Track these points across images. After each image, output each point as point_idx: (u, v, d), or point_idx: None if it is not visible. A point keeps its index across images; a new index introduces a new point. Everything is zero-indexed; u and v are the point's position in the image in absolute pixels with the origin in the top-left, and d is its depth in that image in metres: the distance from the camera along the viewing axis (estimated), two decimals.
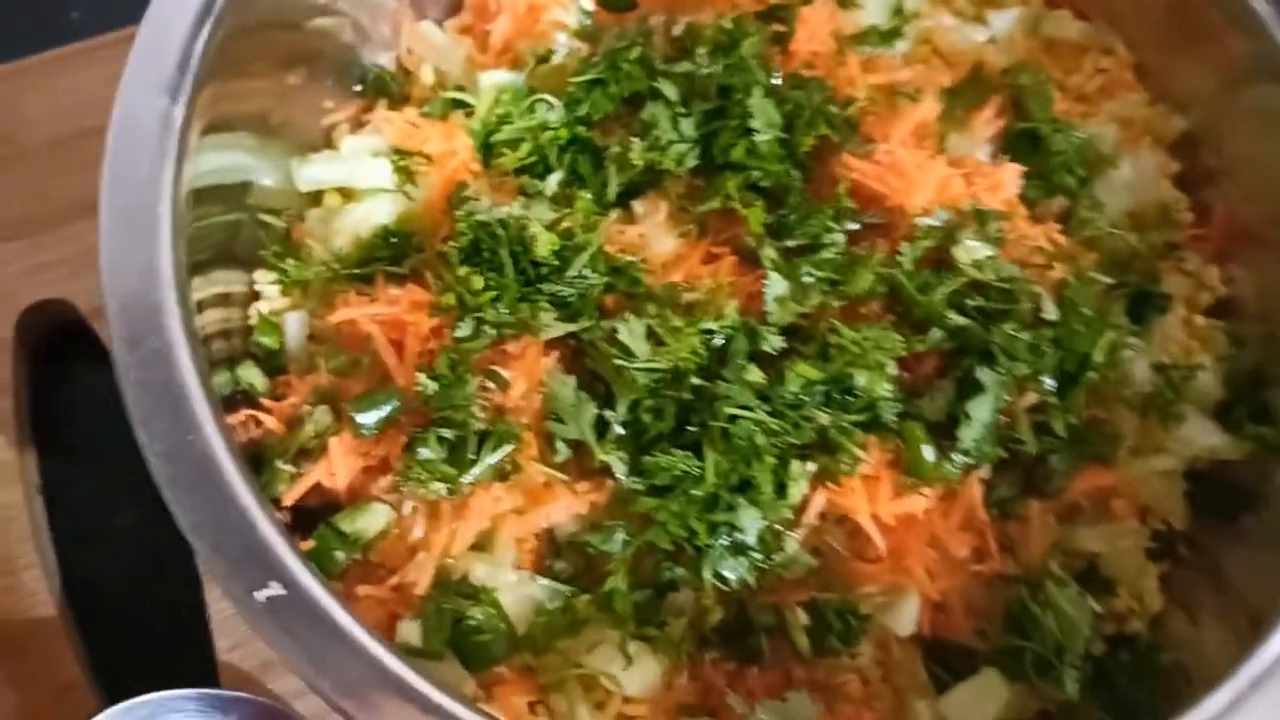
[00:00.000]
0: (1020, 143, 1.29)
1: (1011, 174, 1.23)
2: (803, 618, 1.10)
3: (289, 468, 1.08)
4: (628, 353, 1.09)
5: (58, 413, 1.34)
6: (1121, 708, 1.12)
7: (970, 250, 1.15)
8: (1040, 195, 1.28)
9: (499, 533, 1.09)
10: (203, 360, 0.95)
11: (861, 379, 1.09)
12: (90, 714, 1.06)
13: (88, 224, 1.30)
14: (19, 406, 1.28)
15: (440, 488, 1.06)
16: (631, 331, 1.10)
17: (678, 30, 1.30)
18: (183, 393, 0.92)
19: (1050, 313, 1.14)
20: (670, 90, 1.22)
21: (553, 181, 1.23)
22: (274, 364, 1.18)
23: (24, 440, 1.27)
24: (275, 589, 0.86)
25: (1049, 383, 1.13)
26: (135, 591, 1.26)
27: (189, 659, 1.16)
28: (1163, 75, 1.36)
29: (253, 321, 1.19)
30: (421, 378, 1.07)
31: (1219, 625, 1.16)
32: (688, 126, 1.21)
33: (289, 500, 1.06)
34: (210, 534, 0.88)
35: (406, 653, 1.00)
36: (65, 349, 1.36)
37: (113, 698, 1.07)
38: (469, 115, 1.28)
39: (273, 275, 1.20)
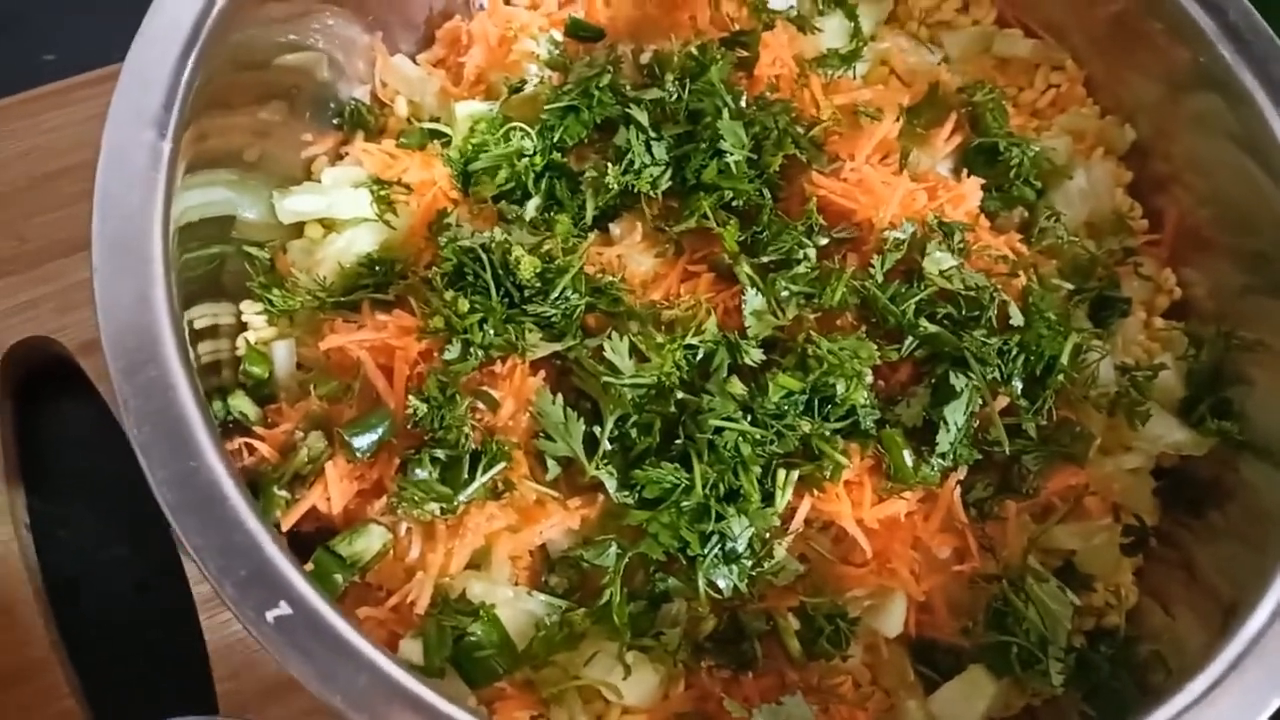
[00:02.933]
0: (978, 157, 1.34)
1: (973, 187, 1.28)
2: (794, 623, 1.13)
3: (284, 494, 1.09)
4: (614, 369, 1.11)
5: (42, 450, 1.34)
6: (1103, 698, 1.15)
7: (938, 261, 1.19)
8: (1000, 207, 1.33)
9: (494, 550, 1.10)
10: (200, 388, 0.96)
11: (840, 387, 1.12)
12: None
13: (68, 262, 1.33)
14: (6, 444, 1.28)
15: (435, 508, 1.07)
16: (616, 348, 1.12)
17: (646, 58, 1.34)
18: (183, 420, 0.93)
19: (1017, 318, 1.18)
20: (642, 115, 1.25)
21: (531, 207, 1.26)
22: (263, 393, 1.19)
23: (12, 477, 1.27)
24: (284, 609, 0.87)
25: (1018, 386, 1.17)
26: (128, 624, 1.26)
27: (186, 689, 1.17)
28: (1112, 87, 1.42)
29: (241, 352, 1.20)
30: (413, 400, 1.09)
31: (1193, 616, 1.19)
32: (660, 150, 1.25)
33: (286, 525, 1.07)
34: (218, 557, 0.89)
35: None
36: (44, 388, 1.36)
37: None
38: (445, 145, 1.31)
39: (259, 306, 1.21)
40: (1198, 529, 1.25)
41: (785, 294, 1.17)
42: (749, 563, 1.10)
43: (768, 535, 1.12)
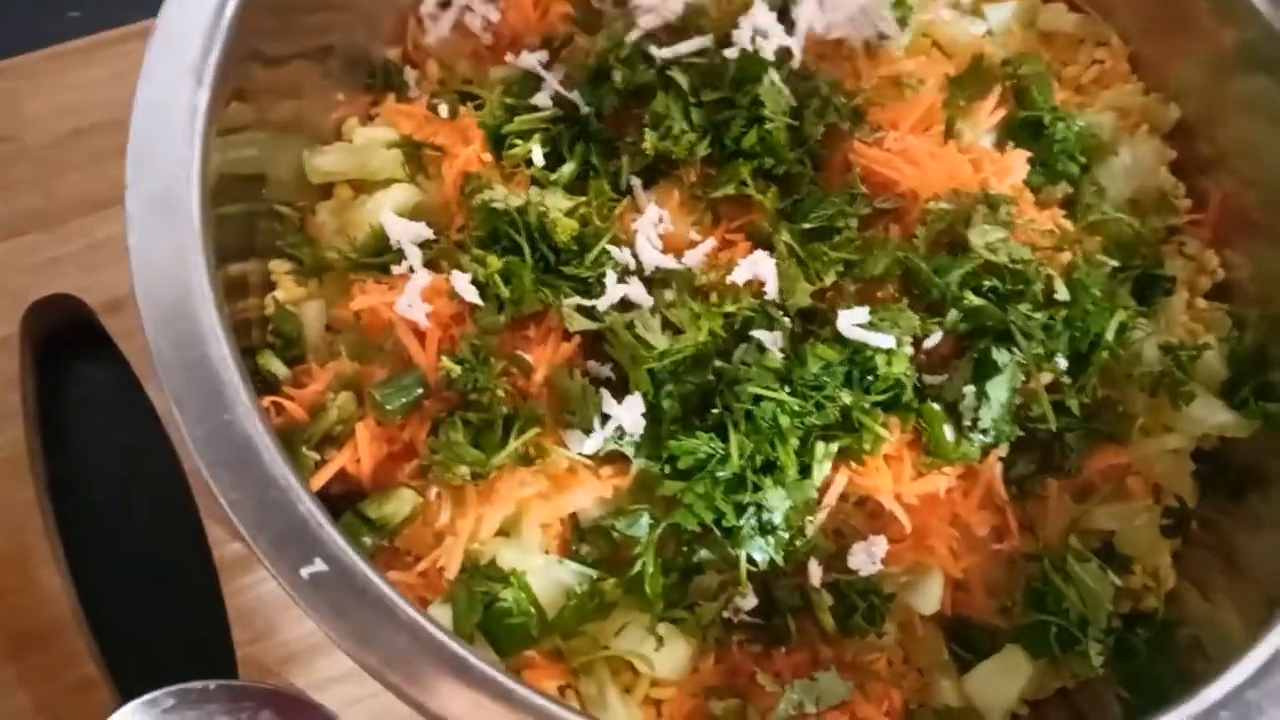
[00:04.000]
0: (1023, 131, 1.32)
1: (1018, 159, 1.25)
2: (827, 598, 1.11)
3: (313, 454, 1.07)
4: (646, 345, 1.09)
5: (63, 410, 1.32)
6: (1141, 682, 1.13)
7: (983, 233, 1.16)
8: (1044, 182, 1.30)
9: (525, 517, 1.08)
10: (234, 341, 0.94)
11: (880, 359, 1.10)
12: (108, 710, 1.05)
13: (92, 220, 1.31)
14: (27, 403, 1.26)
15: (466, 471, 1.05)
16: (648, 325, 1.09)
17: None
18: (218, 373, 0.92)
19: (1062, 294, 1.15)
20: (682, 79, 1.23)
21: (566, 171, 1.24)
22: (292, 353, 1.17)
23: (33, 437, 1.25)
24: (319, 565, 0.85)
25: (1062, 363, 1.15)
26: (148, 589, 1.24)
27: (206, 655, 1.15)
28: (1156, 66, 1.39)
29: (269, 311, 1.18)
30: (446, 361, 1.07)
31: (1231, 601, 1.17)
32: (699, 116, 1.22)
33: (316, 486, 1.04)
34: (252, 513, 0.87)
35: None
36: (67, 348, 1.34)
37: (130, 694, 1.05)
38: (479, 108, 1.29)
39: (289, 265, 1.19)
40: (1237, 514, 1.22)
41: (824, 262, 1.15)
42: (785, 535, 1.08)
43: (804, 509, 1.09)
